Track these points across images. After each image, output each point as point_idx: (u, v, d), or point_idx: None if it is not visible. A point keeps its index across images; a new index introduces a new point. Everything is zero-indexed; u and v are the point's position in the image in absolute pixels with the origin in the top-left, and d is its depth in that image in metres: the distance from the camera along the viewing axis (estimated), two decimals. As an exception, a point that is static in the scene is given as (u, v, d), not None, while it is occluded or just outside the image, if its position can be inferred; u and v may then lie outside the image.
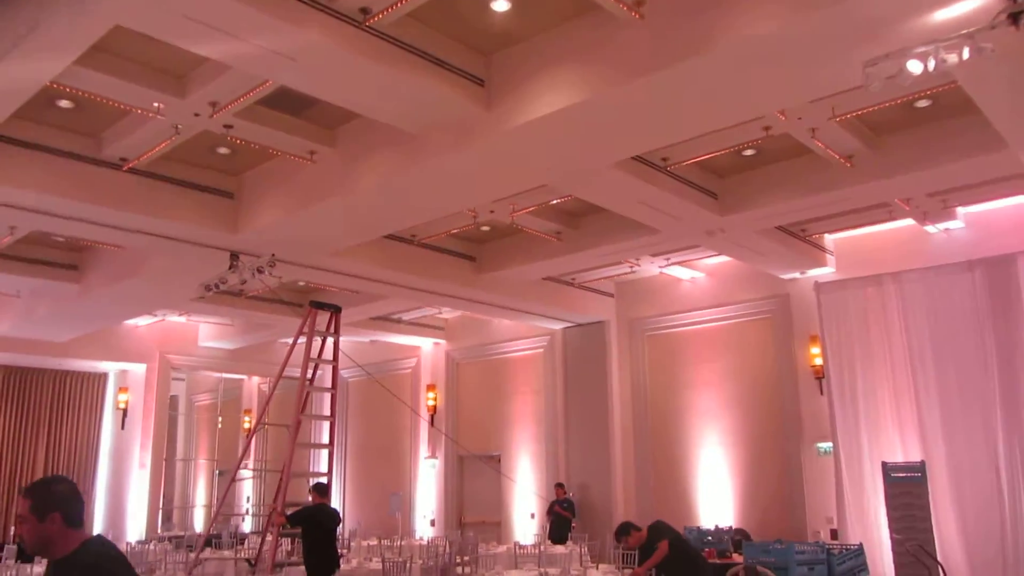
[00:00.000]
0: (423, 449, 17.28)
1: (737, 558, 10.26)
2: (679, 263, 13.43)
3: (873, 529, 10.97)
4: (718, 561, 10.11)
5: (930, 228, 11.33)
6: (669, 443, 13.85)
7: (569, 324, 15.20)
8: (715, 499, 13.10)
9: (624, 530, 8.10)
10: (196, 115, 7.96)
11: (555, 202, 10.59)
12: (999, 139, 7.46)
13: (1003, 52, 4.92)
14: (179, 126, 8.19)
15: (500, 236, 12.46)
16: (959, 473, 10.61)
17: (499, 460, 15.83)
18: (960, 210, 11.08)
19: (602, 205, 10.08)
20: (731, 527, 11.92)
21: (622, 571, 7.41)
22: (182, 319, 16.78)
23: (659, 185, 9.34)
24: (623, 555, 8.93)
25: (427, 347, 17.73)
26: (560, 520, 13.69)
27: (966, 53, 4.91)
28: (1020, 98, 6.65)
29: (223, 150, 9.25)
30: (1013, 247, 10.57)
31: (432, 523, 16.66)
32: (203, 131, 8.39)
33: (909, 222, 11.26)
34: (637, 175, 9.02)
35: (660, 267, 13.57)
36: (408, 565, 9.41)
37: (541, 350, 15.80)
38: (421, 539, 13.55)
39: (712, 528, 11.71)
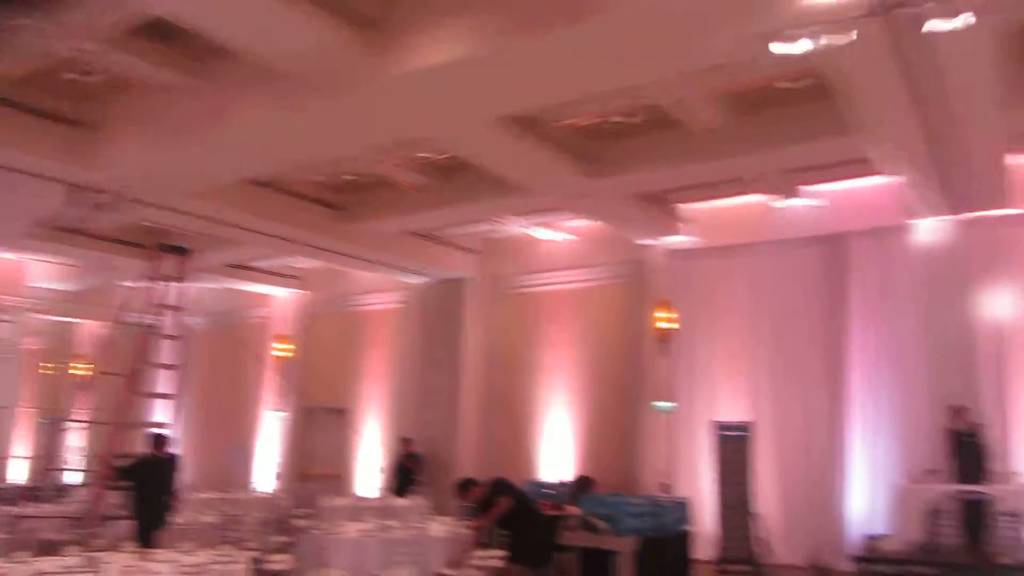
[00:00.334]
0: (270, 401, 16.86)
1: (574, 510, 10.70)
2: (543, 224, 13.65)
3: (701, 484, 11.70)
4: (555, 512, 10.50)
5: (778, 204, 12.07)
6: (518, 401, 14.15)
7: (430, 279, 15.19)
8: (558, 455, 13.54)
9: (465, 485, 8.26)
10: (49, 36, 7.28)
11: (426, 156, 10.52)
12: (847, 124, 8.04)
13: (867, 41, 5.29)
14: (31, 46, 7.47)
15: (365, 186, 12.24)
16: (781, 433, 11.50)
17: (348, 413, 15.69)
18: (805, 188, 11.88)
19: (474, 161, 10.11)
20: (573, 479, 12.34)
21: (462, 524, 7.57)
22: (11, 256, 15.46)
23: (532, 145, 9.47)
24: (465, 509, 9.05)
25: (281, 296, 17.24)
26: (404, 473, 13.70)
27: (831, 39, 5.25)
28: (879, 88, 7.20)
29: (75, 76, 8.53)
30: (847, 225, 11.45)
31: (278, 476, 16.34)
32: (60, 56, 7.71)
33: (759, 197, 11.95)
34: (511, 134, 9.11)
35: (524, 227, 13.77)
36: (244, 518, 9.20)
37: (399, 304, 15.71)
38: (260, 492, 13.24)
39: (555, 482, 12.11)
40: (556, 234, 14.12)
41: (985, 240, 10.66)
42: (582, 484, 10.85)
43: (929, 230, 10.93)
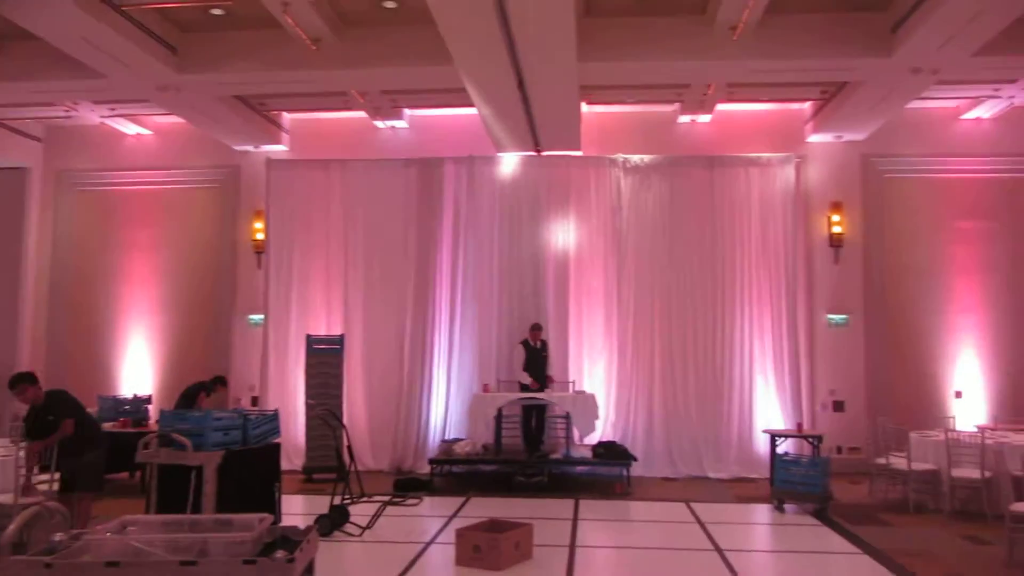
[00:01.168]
0: None
1: (154, 426, 10.10)
2: (125, 116, 12.27)
3: (291, 396, 11.77)
4: (132, 430, 9.83)
5: (379, 123, 12.23)
6: (93, 308, 12.81)
7: (-21, 165, 12.87)
8: (137, 368, 12.62)
9: (26, 379, 6.97)
10: None
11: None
12: (448, 54, 8.27)
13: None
14: None
15: None
16: (371, 346, 11.93)
17: None
18: (407, 111, 12.16)
19: (35, 32, 8.57)
20: (149, 395, 11.62)
21: (18, 446, 6.72)
22: None
23: (110, 24, 8.32)
24: (18, 429, 7.98)
25: None
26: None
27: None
28: (470, 28, 7.45)
29: None
30: (443, 152, 11.98)
31: None
32: None
33: (362, 114, 11.98)
34: (84, 7, 7.89)
35: (103, 116, 12.23)
36: None
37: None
38: None
39: (131, 397, 11.30)
40: (142, 129, 12.78)
41: (557, 177, 11.89)
42: (188, 396, 10.12)
43: (512, 163, 11.90)
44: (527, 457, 10.38)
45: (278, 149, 12.53)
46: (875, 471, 9.60)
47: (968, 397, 11.39)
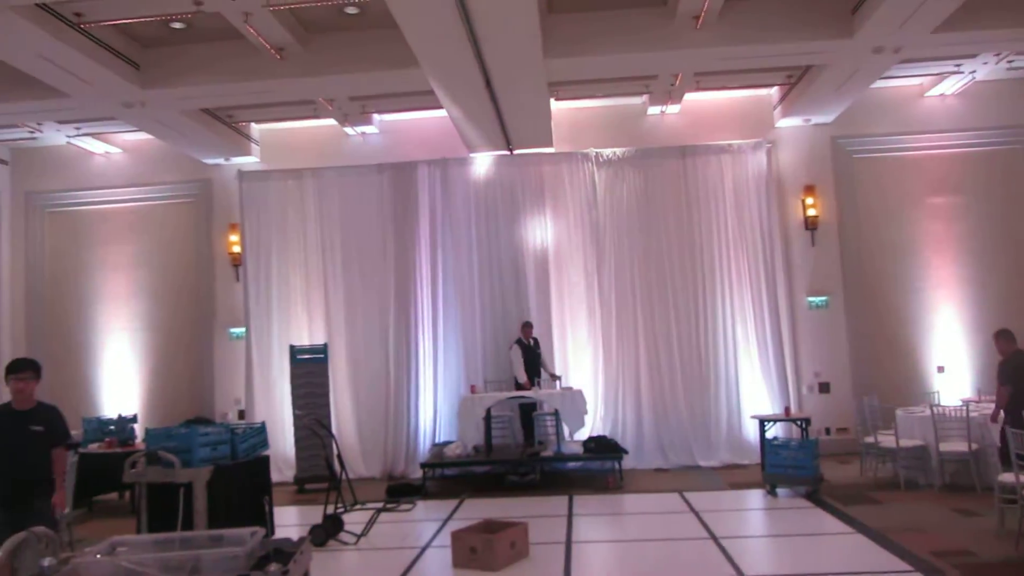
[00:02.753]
0: None
1: (141, 445, 10.00)
2: (92, 134, 12.13)
3: (278, 408, 11.70)
4: (119, 450, 9.73)
5: (349, 130, 12.17)
6: (70, 331, 12.67)
7: (-58, 191, 12.68)
8: (120, 388, 12.49)
9: (34, 368, 6.34)
10: None
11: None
12: (414, 57, 8.23)
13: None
14: None
15: None
16: (355, 353, 11.87)
17: None
18: (376, 117, 12.11)
19: (-2, 56, 8.47)
20: (135, 415, 11.50)
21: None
22: None
23: (69, 43, 8.21)
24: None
25: None
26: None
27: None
28: (429, 24, 7.42)
29: None
30: (415, 155, 11.97)
31: None
32: None
33: (331, 122, 11.92)
34: (41, 25, 7.79)
35: (69, 136, 12.09)
36: None
37: None
38: None
39: (115, 417, 11.17)
40: (111, 147, 12.64)
41: (531, 174, 11.90)
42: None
43: (485, 163, 11.88)
44: (517, 455, 10.36)
45: (249, 161, 12.44)
46: (864, 450, 9.67)
47: (951, 371, 11.50)
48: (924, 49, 9.70)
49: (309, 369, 11.15)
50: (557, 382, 11.04)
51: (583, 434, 10.76)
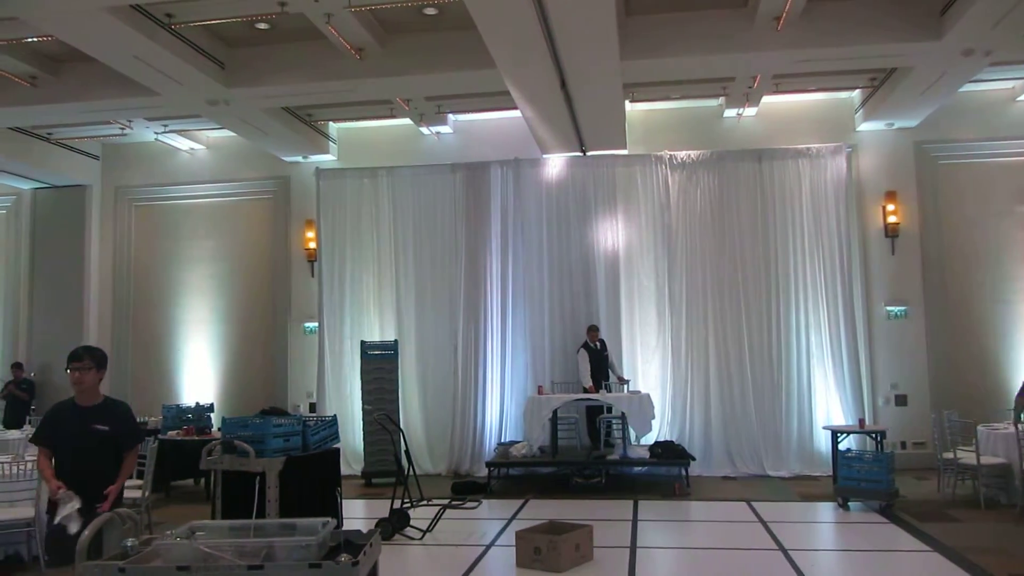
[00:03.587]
0: None
1: (217, 434, 10.31)
2: (178, 131, 12.57)
3: (347, 402, 11.90)
4: (196, 438, 10.05)
5: (424, 130, 12.32)
6: (153, 321, 13.17)
7: (42, 185, 13.30)
8: (198, 377, 12.91)
9: (97, 356, 5.94)
10: None
11: (31, 40, 9.02)
12: (490, 58, 8.29)
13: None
14: None
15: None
16: (424, 350, 12.00)
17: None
18: (451, 117, 12.22)
19: (90, 53, 8.84)
20: (211, 404, 11.87)
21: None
22: None
23: (161, 43, 8.53)
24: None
25: None
26: (15, 402, 12.38)
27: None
28: (514, 30, 7.46)
29: None
30: (488, 156, 12.03)
31: None
32: None
33: (407, 122, 12.08)
34: (135, 27, 8.10)
35: (157, 133, 12.55)
36: None
37: (3, 212, 13.63)
38: None
39: (193, 405, 11.55)
40: (195, 144, 13.08)
41: (604, 176, 11.83)
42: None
43: (558, 164, 11.87)
44: (584, 458, 10.32)
45: (327, 159, 12.70)
46: (942, 466, 9.34)
47: (1037, 387, 11.01)
48: (1017, 51, 9.32)
49: (379, 365, 11.30)
50: (625, 386, 10.96)
51: (649, 439, 10.66)
